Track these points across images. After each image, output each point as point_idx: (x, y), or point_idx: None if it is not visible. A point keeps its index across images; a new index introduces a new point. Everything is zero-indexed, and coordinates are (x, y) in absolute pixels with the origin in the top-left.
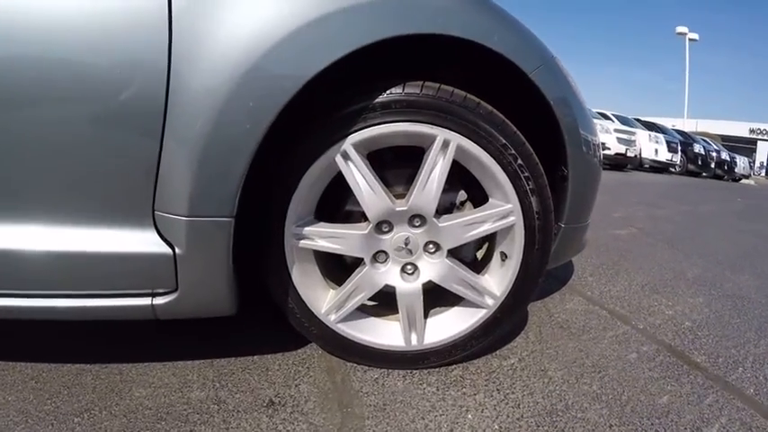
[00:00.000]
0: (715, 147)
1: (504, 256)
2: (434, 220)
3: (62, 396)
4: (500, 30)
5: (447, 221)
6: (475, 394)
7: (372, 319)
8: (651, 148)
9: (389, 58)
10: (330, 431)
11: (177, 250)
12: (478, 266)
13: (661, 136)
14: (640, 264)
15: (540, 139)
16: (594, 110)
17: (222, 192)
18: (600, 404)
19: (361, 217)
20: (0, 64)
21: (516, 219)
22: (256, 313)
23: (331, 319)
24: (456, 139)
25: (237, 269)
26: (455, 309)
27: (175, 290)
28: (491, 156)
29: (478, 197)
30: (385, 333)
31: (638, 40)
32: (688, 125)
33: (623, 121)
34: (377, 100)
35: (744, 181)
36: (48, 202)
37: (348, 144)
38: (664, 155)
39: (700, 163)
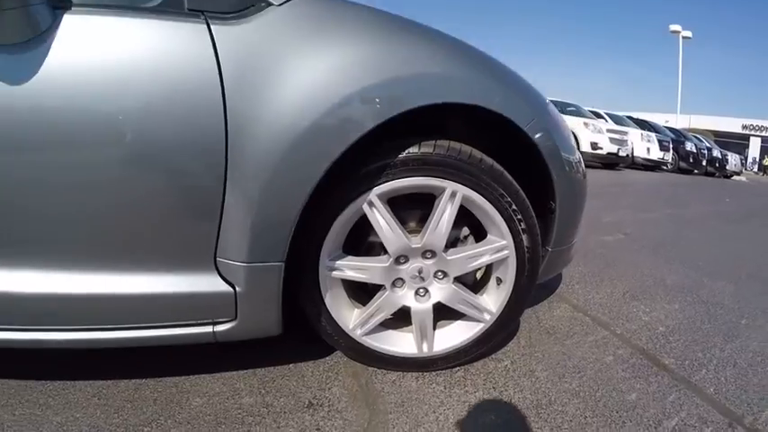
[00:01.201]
0: (707, 144)
1: (499, 281)
2: (443, 254)
3: (127, 409)
4: (500, 93)
5: (453, 255)
6: (475, 392)
7: (390, 331)
8: (643, 146)
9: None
10: (361, 425)
11: (238, 288)
12: (477, 287)
13: (653, 135)
14: (624, 271)
15: (532, 171)
16: (588, 108)
17: (275, 242)
18: (578, 400)
19: (381, 248)
20: (108, 141)
21: (510, 252)
22: (290, 327)
23: (357, 334)
24: (462, 190)
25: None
26: (458, 322)
27: (234, 319)
28: (490, 202)
29: (479, 231)
30: (401, 343)
31: (633, 34)
32: (681, 121)
33: (616, 119)
34: (397, 158)
35: (735, 178)
36: (130, 254)
37: (373, 195)
38: (655, 153)
39: (691, 161)
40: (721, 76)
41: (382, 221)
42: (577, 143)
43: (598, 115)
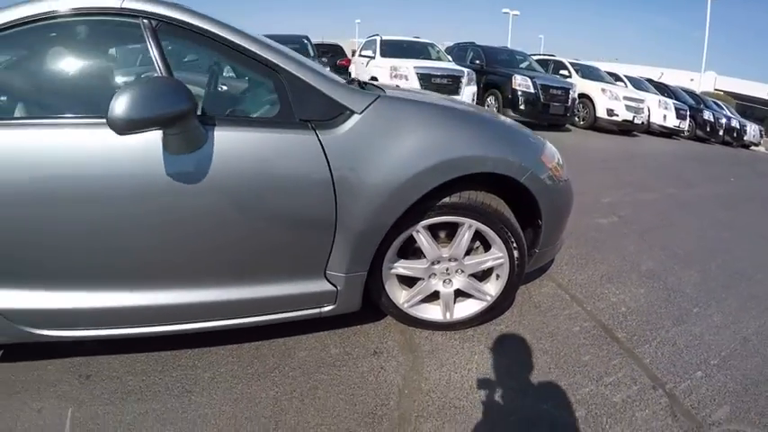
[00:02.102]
0: (726, 113)
1: (497, 276)
2: (462, 260)
3: (255, 362)
4: (507, 162)
5: (469, 260)
6: (479, 345)
7: (425, 304)
8: (660, 113)
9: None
10: (408, 365)
11: (338, 287)
12: (483, 278)
13: (670, 102)
14: (607, 255)
15: (525, 198)
16: (608, 66)
17: (363, 261)
18: (547, 356)
19: (422, 254)
20: (258, 207)
21: (505, 260)
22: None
23: (404, 306)
24: (475, 224)
25: None
26: (470, 300)
27: (334, 304)
28: (494, 231)
29: (486, 244)
30: (432, 312)
31: None
32: (705, 81)
33: (635, 83)
34: (436, 204)
35: (753, 148)
36: (280, 272)
37: (420, 226)
38: (672, 121)
39: (708, 129)
40: (753, 38)
41: (424, 241)
42: (594, 108)
43: (617, 78)
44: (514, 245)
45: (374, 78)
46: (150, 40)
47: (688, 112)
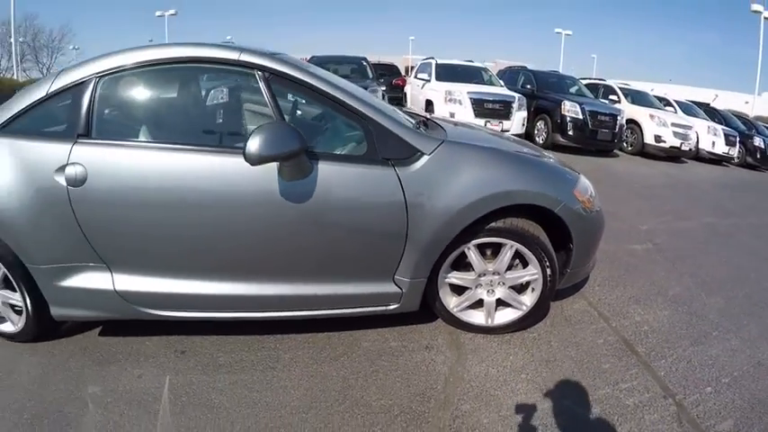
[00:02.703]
0: None
1: (533, 289)
2: (504, 274)
3: (327, 348)
4: (545, 195)
5: (509, 275)
6: (514, 347)
7: (471, 310)
8: (709, 140)
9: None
10: (454, 359)
11: (403, 290)
12: (521, 290)
13: (720, 128)
14: (638, 279)
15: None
16: (658, 90)
17: (425, 269)
18: (572, 362)
19: (471, 267)
20: (348, 225)
21: (539, 276)
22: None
23: (454, 311)
24: (516, 245)
25: None
26: (509, 309)
27: (398, 303)
28: (531, 252)
29: (524, 261)
30: (476, 317)
31: (710, 5)
32: (759, 103)
33: (685, 108)
34: (485, 227)
35: None
36: (359, 276)
37: (471, 244)
38: (721, 148)
39: (759, 156)
40: None
41: (474, 257)
42: (642, 134)
43: (667, 103)
44: (547, 264)
45: (430, 102)
46: (264, 89)
47: (738, 138)
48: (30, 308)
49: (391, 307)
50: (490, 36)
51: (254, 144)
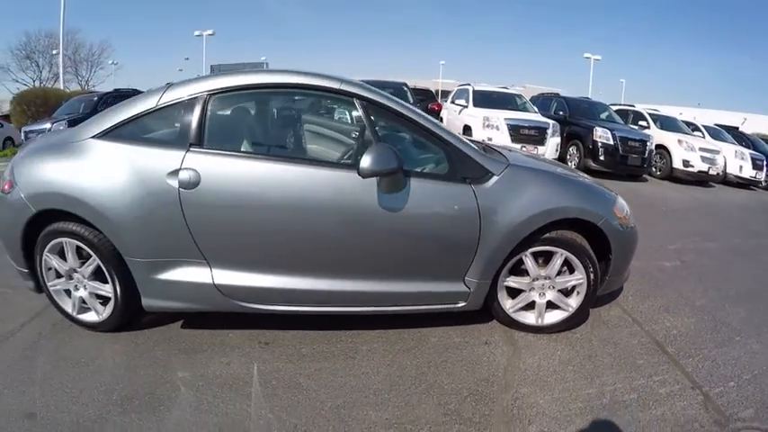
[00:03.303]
0: None
1: (578, 293)
2: (554, 278)
3: (399, 343)
4: (589, 210)
5: (559, 279)
6: (561, 344)
7: (523, 311)
8: (736, 164)
9: None
10: (510, 352)
11: (470, 290)
12: (567, 294)
13: (747, 152)
14: (667, 292)
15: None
16: (689, 113)
17: (491, 272)
18: (610, 358)
19: (526, 273)
20: (430, 234)
21: (584, 281)
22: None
23: (510, 311)
24: (566, 254)
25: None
26: (557, 310)
27: (465, 302)
28: (578, 260)
29: (571, 267)
30: (528, 317)
31: (739, 23)
32: None
33: (713, 133)
34: (540, 237)
35: None
36: (434, 275)
37: (528, 252)
38: (748, 172)
39: None
40: None
41: (530, 263)
42: (670, 159)
43: (696, 128)
44: (591, 270)
45: (468, 127)
46: (363, 114)
47: (765, 162)
48: (119, 298)
49: (459, 305)
50: (519, 61)
51: (366, 161)
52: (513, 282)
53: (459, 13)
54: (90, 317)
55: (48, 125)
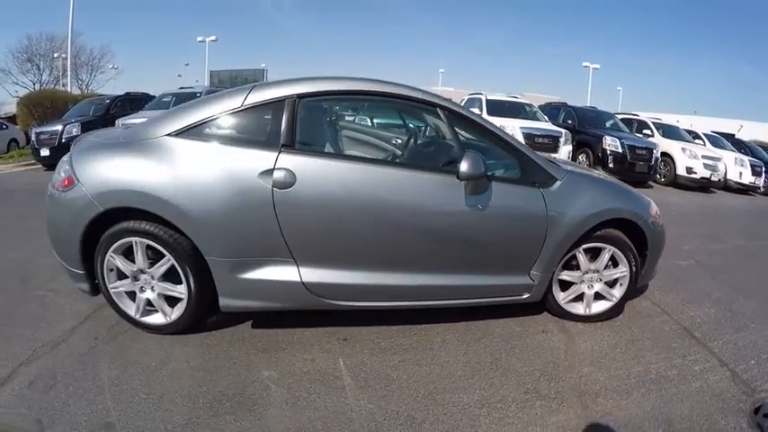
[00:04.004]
0: None
1: (621, 284)
2: (602, 272)
3: (468, 333)
4: (633, 212)
5: (605, 272)
6: (607, 331)
7: (573, 303)
8: (736, 171)
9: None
10: (566, 339)
11: (534, 282)
12: (611, 286)
13: (746, 159)
14: (686, 286)
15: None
16: (686, 121)
17: (552, 266)
18: (649, 341)
19: (578, 267)
20: (505, 232)
21: (627, 273)
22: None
23: (562, 302)
24: (613, 249)
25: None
26: (602, 301)
27: (529, 293)
28: (623, 254)
29: (615, 262)
30: (577, 307)
31: (739, 32)
32: None
33: (713, 141)
34: (592, 235)
35: None
36: (501, 269)
37: (581, 248)
38: (747, 178)
39: None
40: None
41: (582, 258)
42: (674, 166)
43: (696, 136)
44: (634, 264)
45: None
46: (446, 122)
47: (763, 169)
48: (193, 299)
49: (524, 296)
50: (516, 69)
51: (465, 166)
52: (566, 275)
53: (458, 22)
54: (155, 319)
55: (59, 127)
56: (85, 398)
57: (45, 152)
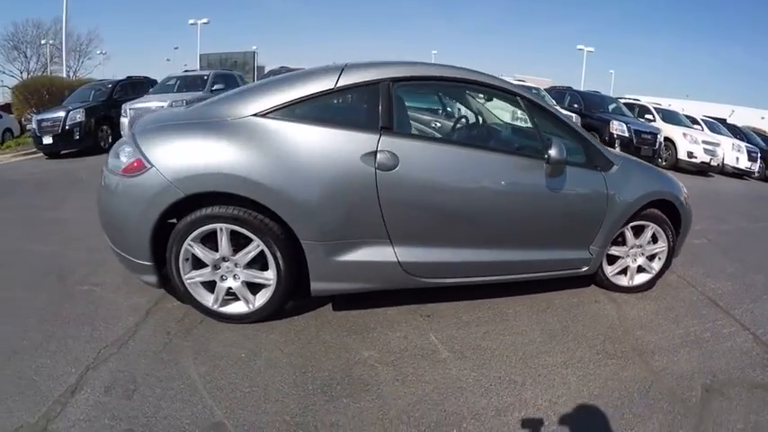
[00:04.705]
0: None
1: (659, 258)
2: (645, 247)
3: (534, 305)
4: (673, 194)
5: (648, 247)
6: (646, 301)
7: (619, 275)
8: (733, 156)
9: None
10: (616, 307)
11: (593, 256)
12: (651, 260)
13: (743, 145)
14: (704, 262)
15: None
16: (678, 105)
17: (607, 241)
18: (682, 309)
19: (624, 243)
20: (576, 207)
21: (665, 249)
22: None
23: (609, 275)
24: (654, 227)
25: None
26: (642, 273)
27: (587, 266)
28: (663, 232)
29: (655, 238)
30: (622, 280)
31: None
32: None
33: (710, 126)
34: (639, 214)
35: None
36: (563, 244)
37: (628, 226)
38: (744, 163)
39: None
40: None
41: (628, 235)
42: (676, 151)
43: (695, 121)
44: (672, 240)
45: None
46: (526, 111)
47: (759, 154)
48: (282, 285)
49: (582, 269)
50: (508, 51)
51: (554, 152)
52: (614, 250)
53: (451, 4)
54: (236, 308)
55: (61, 113)
56: (179, 399)
57: (48, 140)
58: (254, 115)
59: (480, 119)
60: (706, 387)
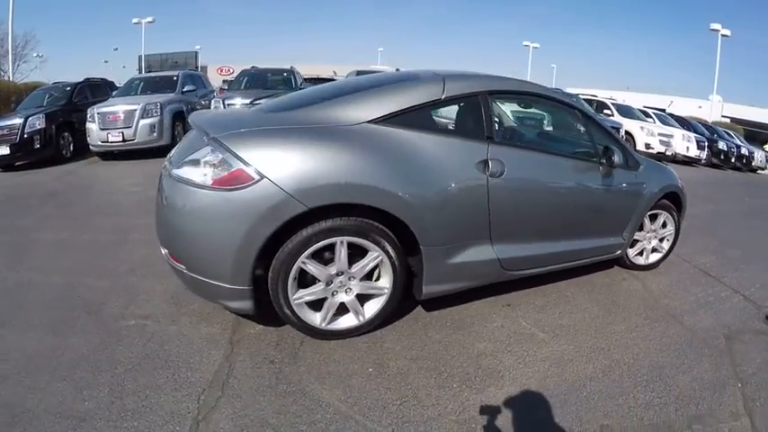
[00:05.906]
0: (736, 142)
1: (667, 240)
2: (658, 231)
3: (581, 287)
4: (676, 186)
5: (661, 231)
6: (659, 276)
7: (637, 256)
8: (684, 145)
9: None
10: (641, 284)
11: (625, 241)
12: (661, 241)
13: (692, 135)
14: (691, 241)
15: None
16: (619, 97)
17: (635, 227)
18: (688, 280)
19: (641, 227)
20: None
21: (673, 232)
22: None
23: (631, 256)
24: (666, 214)
25: None
26: (654, 253)
27: (621, 250)
28: (671, 217)
29: (665, 224)
30: (640, 259)
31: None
32: (716, 109)
33: (662, 119)
34: (656, 204)
35: (760, 172)
36: (610, 231)
37: (647, 214)
38: (693, 152)
39: (722, 157)
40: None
41: (647, 222)
42: (634, 143)
43: (647, 114)
44: (678, 222)
45: None
46: (583, 122)
47: (706, 143)
48: (397, 293)
49: (616, 253)
50: (455, 46)
51: (617, 158)
52: (636, 235)
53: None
54: (345, 322)
55: (18, 120)
56: (334, 429)
57: (4, 150)
58: (369, 122)
59: (551, 128)
60: (726, 336)
